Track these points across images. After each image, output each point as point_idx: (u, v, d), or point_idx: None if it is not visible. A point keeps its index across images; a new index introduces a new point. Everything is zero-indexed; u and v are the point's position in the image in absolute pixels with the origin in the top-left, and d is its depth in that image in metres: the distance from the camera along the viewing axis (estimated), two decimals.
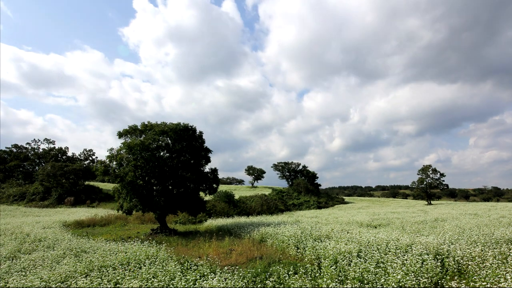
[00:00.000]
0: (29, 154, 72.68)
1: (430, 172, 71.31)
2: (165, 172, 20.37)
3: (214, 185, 22.77)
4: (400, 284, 7.56)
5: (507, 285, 7.02)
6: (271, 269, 9.69)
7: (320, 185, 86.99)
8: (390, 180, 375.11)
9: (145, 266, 9.62)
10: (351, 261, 9.56)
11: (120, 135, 21.30)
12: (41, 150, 74.64)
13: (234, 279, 8.17)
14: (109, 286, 8.08)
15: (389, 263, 9.04)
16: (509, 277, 7.28)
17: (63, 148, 76.24)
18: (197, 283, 8.10)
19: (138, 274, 8.85)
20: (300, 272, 8.80)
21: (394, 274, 7.86)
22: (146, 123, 21.73)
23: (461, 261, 9.55)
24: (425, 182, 71.23)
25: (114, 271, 9.13)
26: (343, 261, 9.63)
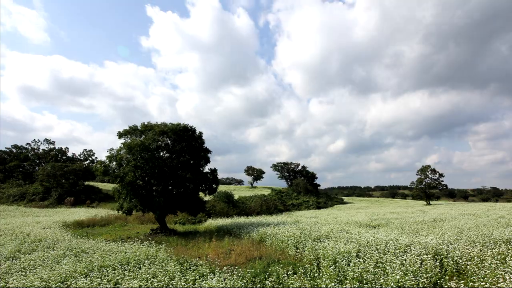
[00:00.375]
0: (29, 155, 72.58)
1: (429, 172, 71.34)
2: (164, 173, 20.38)
3: (213, 185, 22.79)
4: (399, 284, 7.58)
5: (506, 285, 7.06)
6: (270, 269, 9.72)
7: (319, 185, 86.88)
8: (391, 180, 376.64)
9: (144, 266, 9.64)
10: (350, 261, 9.60)
11: (120, 135, 21.31)
12: (41, 150, 74.54)
13: (234, 279, 8.20)
14: (108, 286, 8.10)
15: (388, 263, 9.07)
16: (507, 277, 7.32)
17: (63, 149, 76.21)
18: (196, 283, 8.13)
19: (137, 274, 8.87)
20: (299, 272, 8.83)
21: (393, 274, 7.89)
22: (146, 123, 21.75)
23: (460, 261, 9.59)
24: (424, 183, 71.27)
25: (113, 271, 9.15)
26: (342, 261, 9.66)
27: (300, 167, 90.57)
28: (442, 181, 70.73)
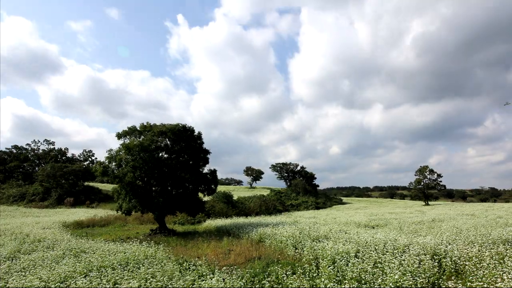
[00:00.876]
0: (29, 155, 72.51)
1: (427, 173, 71.41)
2: (164, 173, 20.40)
3: (212, 185, 22.82)
4: (398, 284, 7.61)
5: (504, 285, 7.10)
6: (269, 269, 9.74)
7: (318, 185, 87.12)
8: (391, 181, 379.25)
9: (143, 266, 9.66)
10: (349, 261, 9.62)
11: (119, 136, 21.30)
12: (40, 151, 74.46)
13: (233, 279, 8.22)
14: (108, 286, 8.12)
15: (387, 263, 9.10)
16: (506, 277, 7.36)
17: (63, 149, 76.14)
18: (195, 283, 8.14)
19: (137, 274, 8.88)
20: (298, 272, 8.85)
21: (392, 274, 7.92)
22: (145, 124, 21.76)
23: (458, 261, 9.63)
24: (422, 183, 71.37)
25: (113, 271, 9.17)
26: (341, 261, 9.69)
27: (299, 168, 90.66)
28: (441, 181, 70.89)
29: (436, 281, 8.43)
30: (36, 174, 59.61)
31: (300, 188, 72.56)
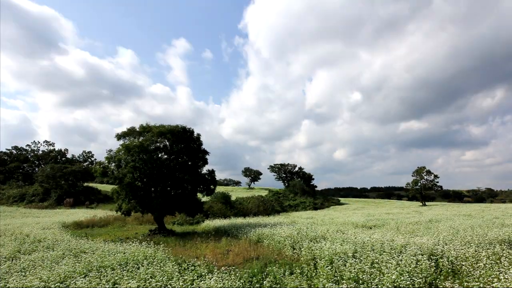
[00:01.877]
0: (29, 156, 72.50)
1: (424, 173, 71.64)
2: (163, 174, 20.44)
3: (211, 186, 22.85)
4: (395, 284, 7.69)
5: (501, 285, 7.19)
6: (267, 269, 9.80)
7: (316, 186, 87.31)
8: (389, 182, 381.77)
9: (143, 266, 9.70)
10: (347, 262, 9.68)
11: (118, 137, 21.33)
12: (40, 151, 74.40)
13: (231, 279, 8.29)
14: (107, 286, 8.17)
15: (384, 264, 9.17)
16: (502, 277, 7.45)
17: (63, 150, 76.08)
18: (194, 284, 8.19)
19: (136, 275, 8.94)
20: (296, 272, 8.92)
21: (389, 274, 8.00)
22: (145, 124, 21.79)
23: (455, 261, 9.73)
24: (419, 184, 71.59)
25: (112, 272, 9.22)
26: (338, 261, 9.77)
27: (297, 169, 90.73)
28: (438, 182, 71.10)
29: (433, 281, 8.51)
30: (36, 175, 59.54)
31: (298, 188, 72.58)
